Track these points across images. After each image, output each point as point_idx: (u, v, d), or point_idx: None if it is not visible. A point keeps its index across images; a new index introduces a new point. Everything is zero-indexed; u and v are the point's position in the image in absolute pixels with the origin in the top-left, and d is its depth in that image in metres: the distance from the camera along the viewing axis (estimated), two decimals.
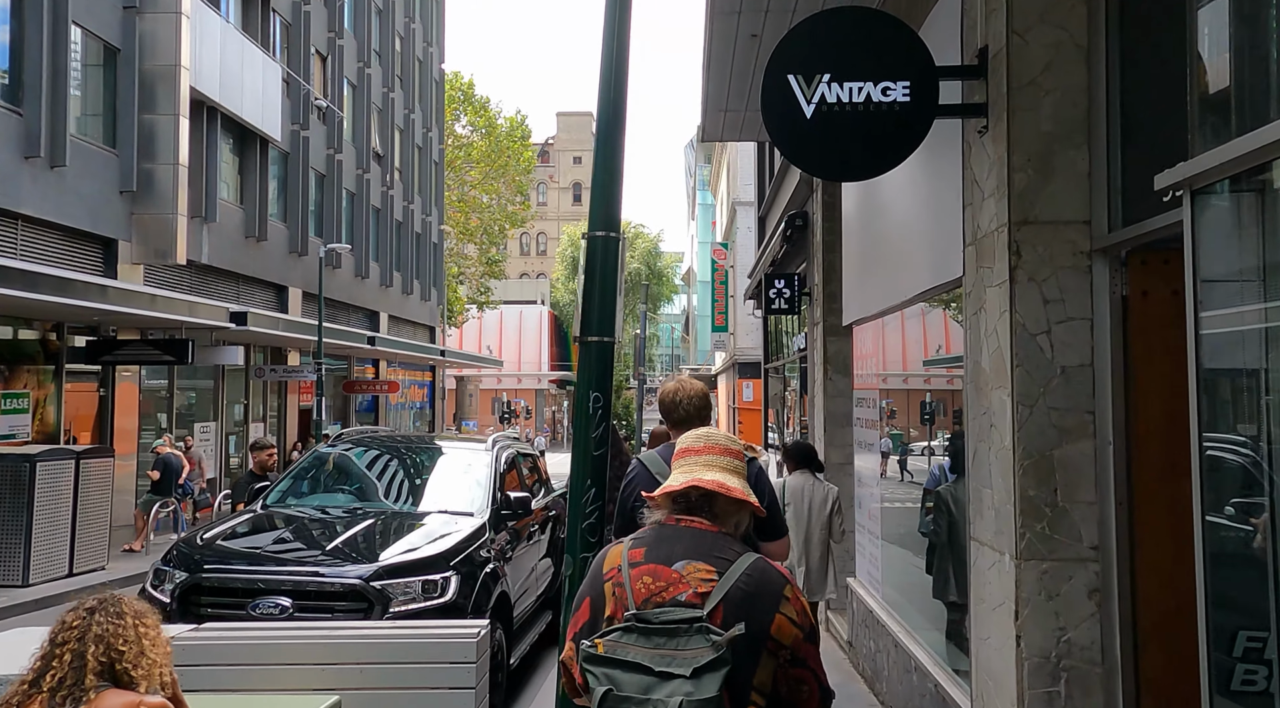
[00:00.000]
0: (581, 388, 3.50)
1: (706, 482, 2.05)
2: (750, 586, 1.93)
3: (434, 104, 36.29)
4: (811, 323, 8.56)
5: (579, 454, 3.48)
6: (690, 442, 2.21)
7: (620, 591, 1.97)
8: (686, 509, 2.07)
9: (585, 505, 3.44)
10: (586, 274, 3.53)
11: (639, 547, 2.04)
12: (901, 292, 4.99)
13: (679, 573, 1.95)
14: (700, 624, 1.85)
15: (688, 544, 2.00)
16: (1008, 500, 3.39)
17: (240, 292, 20.98)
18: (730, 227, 24.85)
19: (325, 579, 4.59)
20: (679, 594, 1.91)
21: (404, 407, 33.49)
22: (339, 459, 6.44)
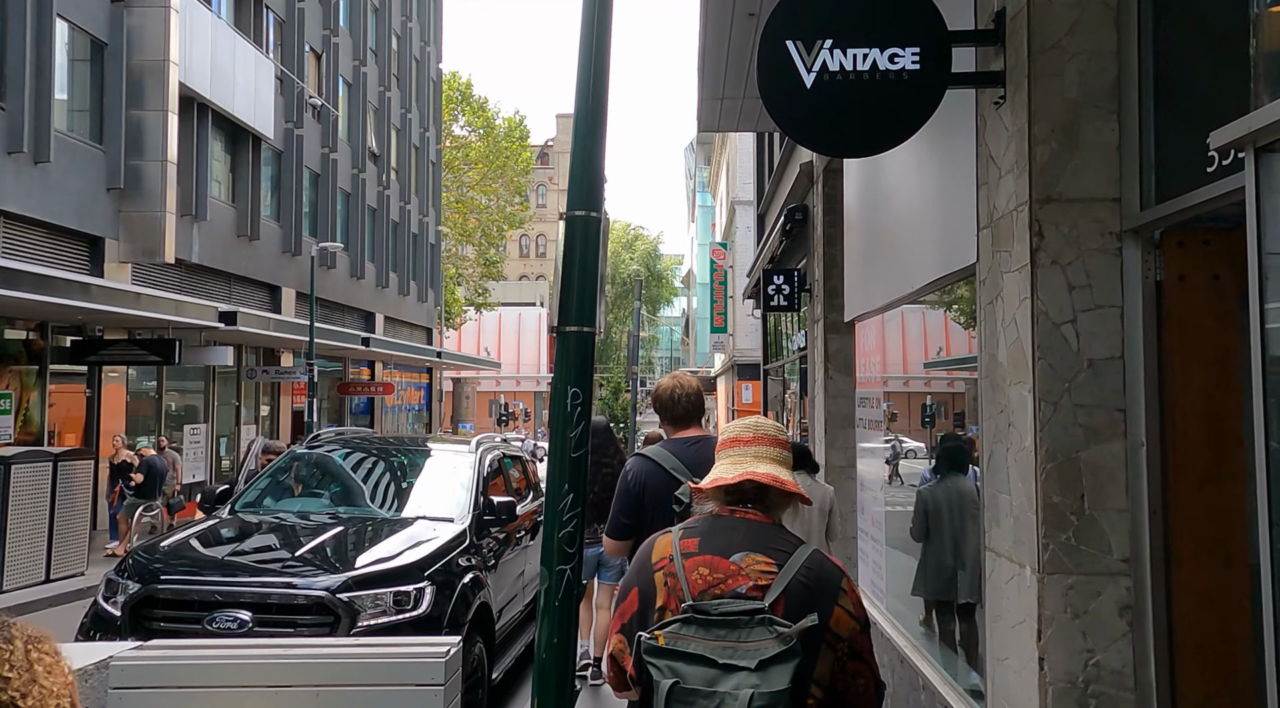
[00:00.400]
0: (558, 383, 3.18)
1: (761, 475, 2.02)
2: (810, 578, 1.91)
3: (431, 104, 35.99)
4: (812, 320, 8.24)
5: (556, 457, 3.16)
6: (739, 431, 2.16)
7: (674, 581, 1.94)
8: (740, 500, 2.05)
9: (562, 513, 3.12)
10: (565, 258, 3.22)
11: (691, 537, 2.01)
12: (909, 282, 4.67)
13: (737, 565, 1.92)
14: (763, 616, 1.82)
15: (744, 536, 1.97)
16: (1028, 508, 3.07)
17: (232, 292, 20.67)
18: (729, 226, 24.53)
19: (288, 591, 4.25)
20: (738, 586, 1.89)
21: (400, 409, 33.17)
22: (314, 462, 6.11)
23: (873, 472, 5.85)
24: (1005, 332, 3.29)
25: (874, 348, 5.92)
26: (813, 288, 8.14)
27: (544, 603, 3.10)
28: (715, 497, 2.09)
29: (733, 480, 2.04)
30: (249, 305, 20.75)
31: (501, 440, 7.28)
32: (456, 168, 42.19)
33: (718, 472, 2.09)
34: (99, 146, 15.67)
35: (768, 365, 14.69)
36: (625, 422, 41.76)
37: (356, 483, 5.89)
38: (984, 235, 3.53)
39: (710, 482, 2.09)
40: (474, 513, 5.47)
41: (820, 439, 7.68)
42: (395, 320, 31.62)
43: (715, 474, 2.09)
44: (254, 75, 20.30)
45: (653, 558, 2.03)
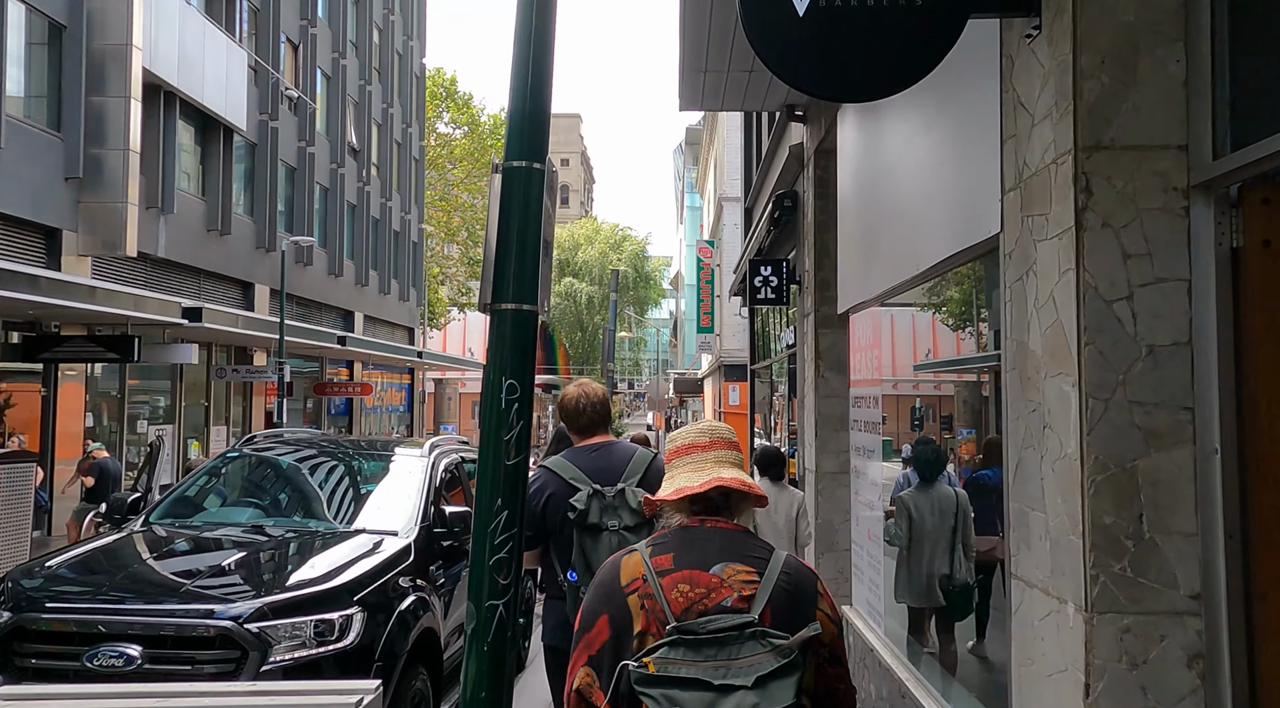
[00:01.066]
0: (491, 373, 2.57)
1: (729, 480, 1.93)
2: (790, 584, 1.85)
3: (414, 99, 35.30)
4: (801, 314, 7.65)
5: (486, 465, 2.55)
6: (695, 436, 2.05)
7: (651, 603, 1.82)
8: (708, 510, 1.95)
9: (494, 534, 2.51)
10: (500, 219, 2.61)
11: (664, 553, 1.89)
12: (915, 264, 4.07)
13: (719, 577, 1.82)
14: (754, 629, 1.74)
15: (720, 546, 1.88)
16: (1071, 529, 2.48)
17: (202, 288, 19.94)
18: (716, 224, 23.94)
19: (188, 621, 3.60)
20: (723, 600, 1.79)
21: (381, 410, 32.44)
22: (245, 467, 5.46)
23: (870, 479, 5.25)
24: (1040, 313, 2.70)
25: (870, 342, 5.33)
26: (803, 279, 7.55)
27: (470, 646, 2.49)
28: (679, 507, 1.96)
29: (700, 488, 1.92)
30: (220, 302, 20.04)
31: (462, 442, 6.66)
32: (441, 166, 41.52)
33: (680, 481, 1.96)
34: (56, 134, 14.96)
35: (755, 365, 14.10)
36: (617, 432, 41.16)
37: (291, 491, 5.24)
38: (1010, 199, 2.94)
39: (675, 491, 1.95)
40: (422, 526, 4.84)
41: (810, 443, 7.09)
42: (375, 320, 30.90)
43: (678, 483, 1.96)
44: (225, 64, 19.60)
45: (621, 580, 1.88)
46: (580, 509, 3.11)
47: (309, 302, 25.55)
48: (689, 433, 2.07)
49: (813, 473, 7.00)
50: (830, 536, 6.85)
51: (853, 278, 5.59)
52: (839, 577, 6.82)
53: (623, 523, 3.12)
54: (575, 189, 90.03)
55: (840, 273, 6.08)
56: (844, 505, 6.79)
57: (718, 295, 23.11)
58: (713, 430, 2.05)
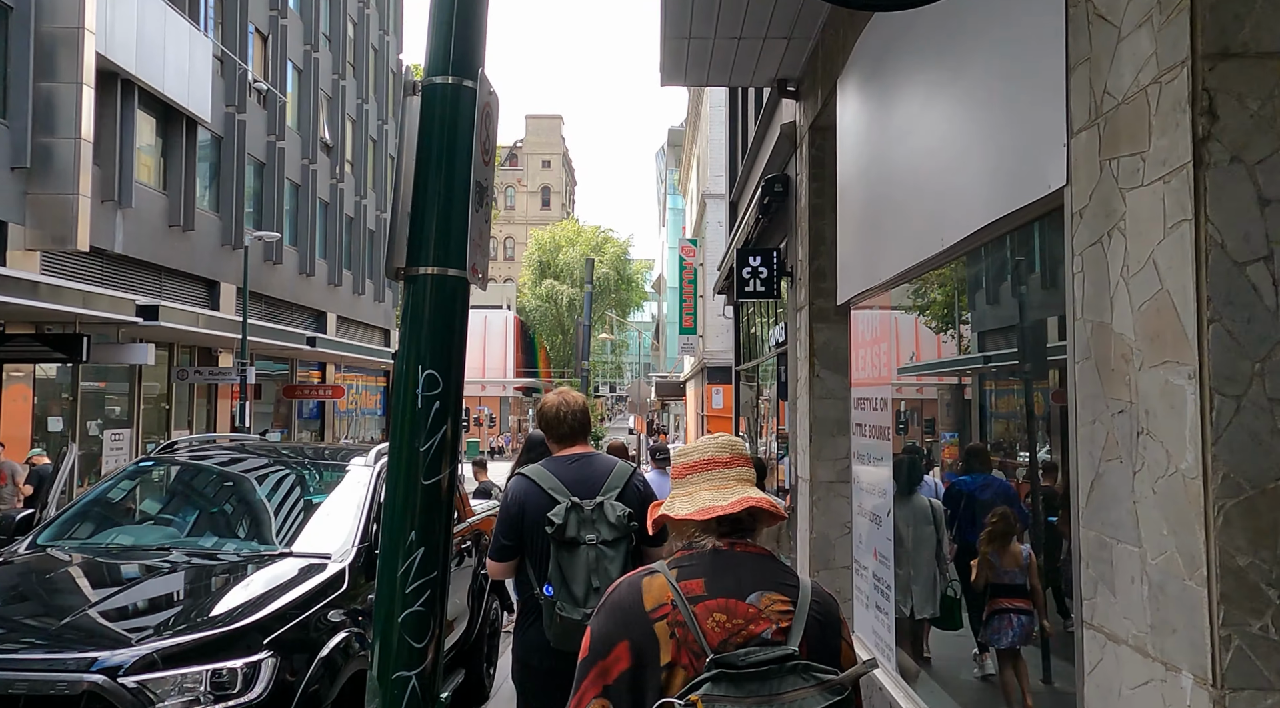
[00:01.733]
0: (403, 362, 1.89)
1: (759, 500, 1.80)
2: (821, 614, 1.77)
3: (390, 96, 34.49)
4: (794, 309, 7.01)
5: (395, 486, 1.87)
6: (715, 451, 1.89)
7: (683, 632, 1.67)
8: (735, 531, 1.81)
9: (405, 581, 1.84)
10: (420, 154, 1.93)
11: (694, 578, 1.73)
12: (938, 239, 3.43)
13: (756, 607, 1.71)
14: (796, 663, 1.63)
15: (754, 572, 1.76)
16: (1186, 571, 1.83)
17: (163, 285, 19.10)
18: (699, 222, 23.31)
19: (47, 675, 2.89)
20: (761, 632, 1.68)
21: (356, 413, 31.59)
22: (160, 478, 4.74)
23: (877, 490, 4.60)
24: (1132, 284, 2.05)
25: (878, 336, 4.69)
26: (795, 270, 6.91)
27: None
28: (706, 528, 1.81)
29: (732, 509, 1.78)
30: (183, 301, 19.21)
31: None
32: None
33: (705, 498, 1.81)
34: (1, 121, 14.13)
35: (741, 367, 13.46)
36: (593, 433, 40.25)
37: (209, 507, 4.51)
38: (1082, 142, 2.30)
39: (702, 511, 1.79)
40: (361, 546, 4.14)
41: (803, 450, 6.45)
42: (349, 321, 30.08)
43: (702, 501, 1.81)
44: (187, 52, 18.79)
45: (646, 605, 1.73)
46: (558, 523, 3.01)
47: (279, 301, 24.72)
48: (707, 447, 1.90)
49: (806, 482, 6.36)
50: (826, 551, 6.21)
51: (855, 264, 4.95)
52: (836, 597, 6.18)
53: (601, 537, 3.03)
54: (556, 191, 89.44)
55: (840, 260, 5.45)
56: (841, 518, 6.15)
57: (701, 296, 22.48)
58: (733, 446, 1.90)
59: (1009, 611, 3.32)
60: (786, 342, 7.90)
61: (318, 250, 27.17)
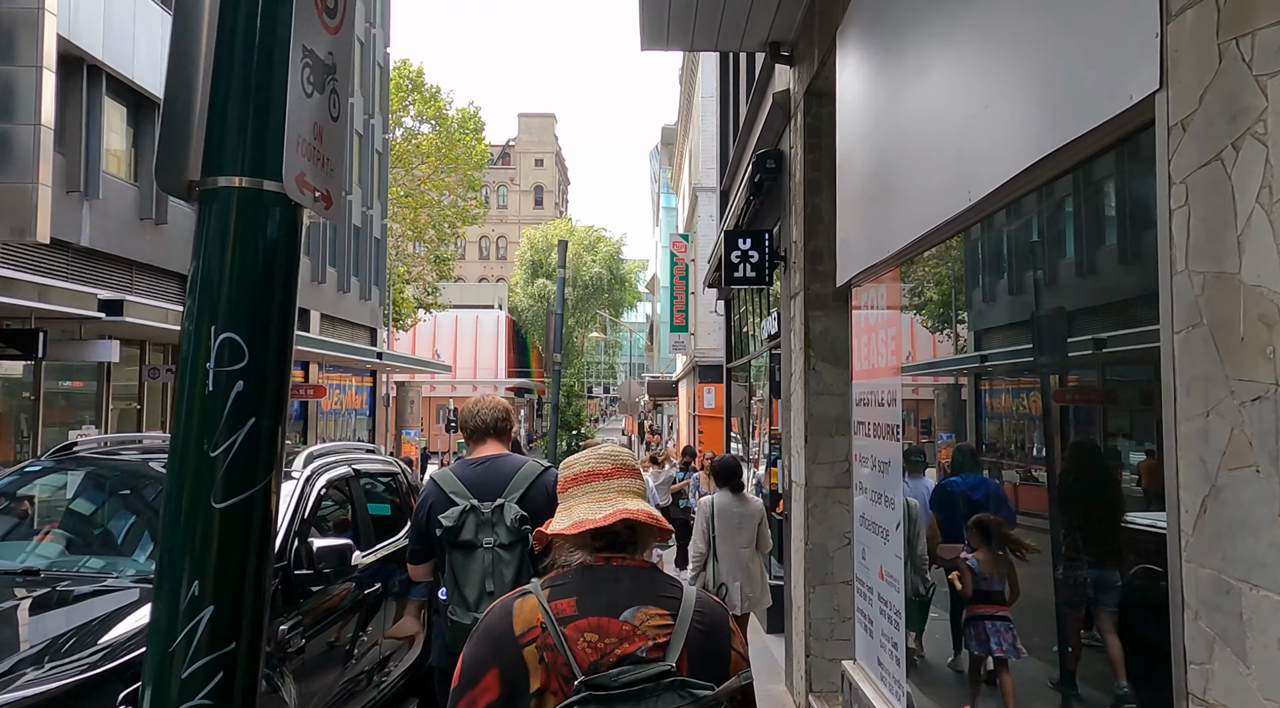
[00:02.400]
0: (192, 321, 1.23)
1: (636, 512, 1.75)
2: (705, 624, 1.70)
3: (377, 90, 33.81)
4: (787, 296, 6.38)
5: (173, 511, 1.22)
6: (595, 462, 1.85)
7: (553, 655, 1.61)
8: (613, 545, 1.76)
9: (183, 657, 1.17)
10: (225, 19, 1.27)
11: (564, 596, 1.68)
12: (963, 193, 2.78)
13: (630, 624, 1.65)
14: (672, 679, 1.57)
15: (630, 587, 1.70)
16: None
17: (135, 281, 18.39)
18: (691, 217, 22.66)
19: None
20: (636, 649, 1.62)
21: (341, 414, 30.89)
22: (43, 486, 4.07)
23: (884, 500, 3.96)
24: (1277, 212, 1.41)
25: (884, 320, 4.04)
26: (789, 254, 6.27)
27: None
28: (580, 543, 1.75)
29: (604, 522, 1.72)
30: (158, 298, 18.49)
31: (367, 452, 5.31)
32: (409, 162, 40.05)
33: (580, 512, 1.75)
34: None
35: (732, 364, 12.82)
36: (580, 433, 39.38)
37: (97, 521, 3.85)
38: (1186, 25, 1.66)
39: (575, 525, 1.73)
40: (277, 568, 3.51)
41: (798, 452, 5.81)
42: (334, 319, 29.38)
43: (578, 515, 1.74)
44: (160, 39, 18.09)
45: (515, 629, 1.64)
46: (447, 526, 2.99)
47: None
48: (588, 458, 1.87)
49: (801, 487, 5.72)
50: (824, 564, 5.57)
51: (858, 239, 4.31)
52: (834, 617, 5.55)
53: (498, 540, 2.98)
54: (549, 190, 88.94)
55: (840, 235, 4.81)
56: (841, 528, 5.52)
57: (692, 292, 21.84)
58: (614, 456, 1.86)
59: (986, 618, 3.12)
60: (780, 334, 7.26)
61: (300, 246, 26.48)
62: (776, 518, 8.12)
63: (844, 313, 5.69)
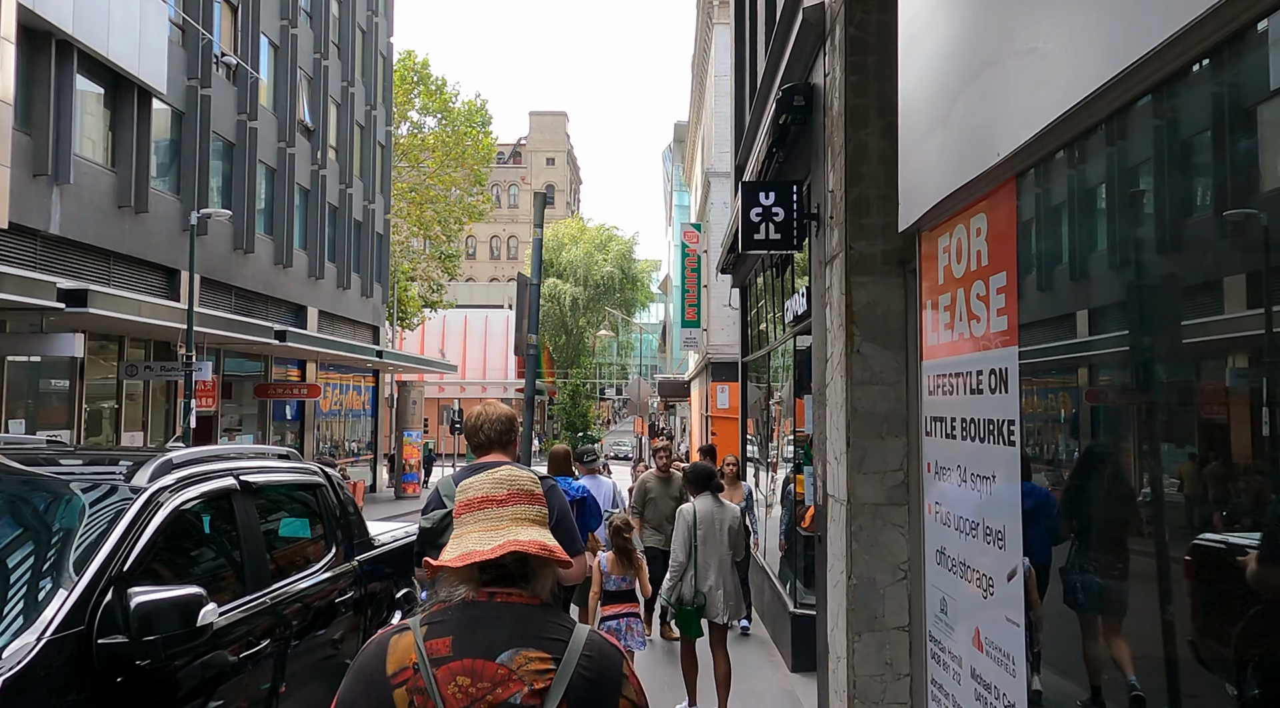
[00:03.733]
0: None
1: (526, 543, 1.63)
2: (591, 668, 1.60)
3: (379, 80, 32.72)
4: (820, 262, 5.13)
5: None
6: (490, 487, 1.72)
7: (423, 699, 1.53)
8: (501, 579, 1.65)
9: None
10: None
11: (441, 636, 1.58)
12: (1139, 37, 1.53)
13: (508, 667, 1.56)
14: None
15: (511, 627, 1.60)
16: None
17: (112, 272, 17.32)
18: (704, 205, 21.37)
19: None
20: (510, 696, 1.53)
21: (341, 415, 29.77)
22: None
23: (978, 527, 2.68)
24: None
25: (981, 268, 2.77)
26: (823, 207, 5.02)
27: None
28: (467, 576, 1.64)
29: (492, 554, 1.61)
30: (136, 289, 17.38)
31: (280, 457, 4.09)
32: (415, 156, 38.99)
33: (467, 542, 1.64)
34: None
35: (748, 358, 11.54)
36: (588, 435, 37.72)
37: None
38: None
39: (461, 556, 1.61)
40: (63, 637, 2.27)
41: (837, 457, 4.57)
42: (333, 317, 28.26)
43: (466, 546, 1.63)
44: (138, 15, 17.01)
45: (388, 668, 1.56)
46: (426, 527, 3.07)
47: (252, 294, 22.94)
48: (483, 483, 1.73)
49: (842, 505, 4.47)
50: (872, 604, 4.33)
51: (935, 157, 3.05)
52: (885, 673, 4.30)
53: None
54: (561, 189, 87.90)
55: (904, 170, 3.55)
56: (895, 557, 4.28)
57: (705, 285, 20.55)
58: (511, 480, 1.74)
59: None
60: (809, 312, 5.99)
61: (296, 240, 25.37)
62: (803, 533, 6.85)
63: (897, 278, 4.43)
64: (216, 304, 20.79)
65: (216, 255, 21.00)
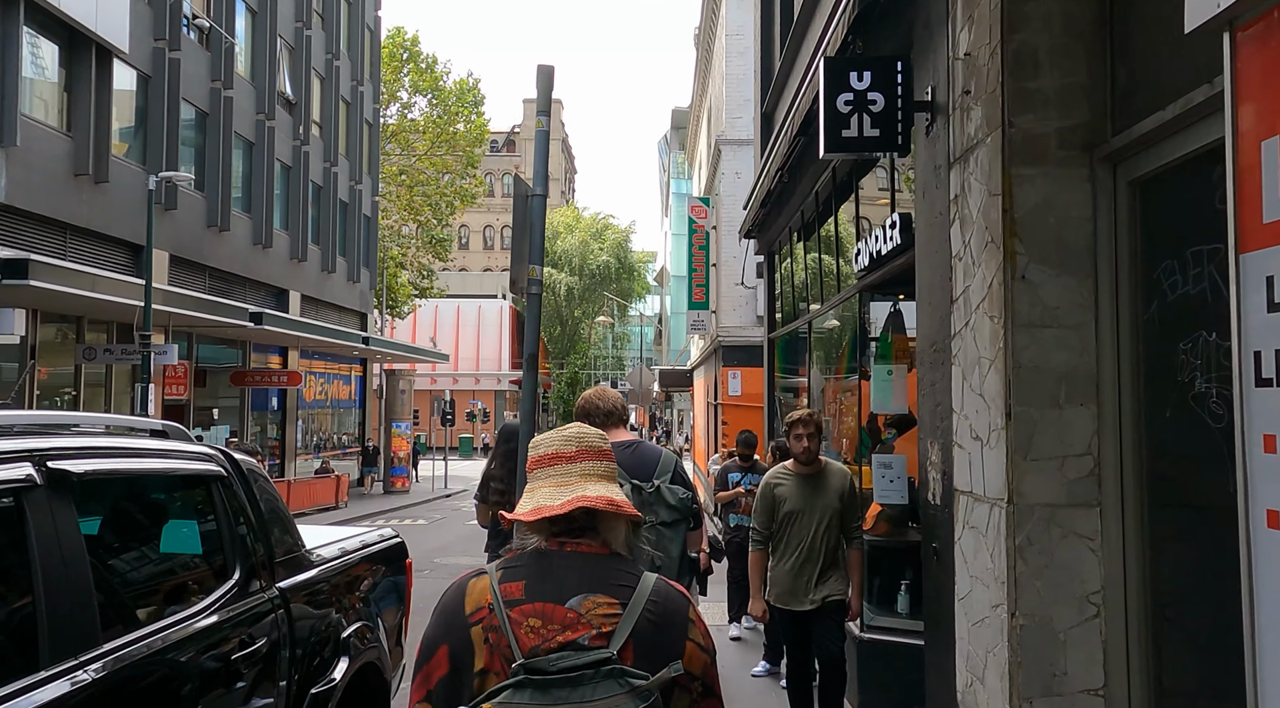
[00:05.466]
0: None
1: (594, 499, 1.71)
2: (657, 613, 1.66)
3: (366, 55, 31.18)
4: (940, 163, 3.70)
5: None
6: (559, 445, 1.81)
7: (497, 637, 1.61)
8: (570, 531, 1.72)
9: None
10: None
11: (514, 580, 1.67)
12: None
13: (576, 611, 1.62)
14: (612, 667, 1.55)
15: (580, 574, 1.67)
16: None
17: (69, 247, 15.82)
18: (712, 177, 19.89)
19: None
20: (579, 637, 1.59)
21: (325, 405, 28.29)
22: None
23: None
24: None
25: None
26: (946, 87, 3.59)
27: None
28: (538, 529, 1.73)
29: (561, 509, 1.69)
30: (96, 265, 15.87)
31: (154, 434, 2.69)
32: (404, 138, 37.46)
33: (539, 497, 1.73)
34: None
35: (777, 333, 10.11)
36: None
37: None
38: None
39: (532, 511, 1.71)
40: None
41: (981, 437, 3.19)
42: (317, 302, 26.76)
43: (536, 501, 1.73)
44: None
45: (466, 608, 1.67)
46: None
47: (228, 275, 21.45)
48: (552, 440, 1.82)
49: (997, 507, 3.07)
50: (1048, 657, 2.92)
51: None
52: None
53: (659, 519, 3.18)
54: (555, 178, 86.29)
55: None
56: (1081, 585, 2.90)
57: (714, 264, 19.13)
58: (580, 438, 1.81)
59: None
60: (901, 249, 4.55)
61: (277, 219, 23.86)
62: (882, 543, 5.41)
63: (1081, 169, 3.03)
64: (190, 285, 19.31)
65: (189, 233, 19.51)
